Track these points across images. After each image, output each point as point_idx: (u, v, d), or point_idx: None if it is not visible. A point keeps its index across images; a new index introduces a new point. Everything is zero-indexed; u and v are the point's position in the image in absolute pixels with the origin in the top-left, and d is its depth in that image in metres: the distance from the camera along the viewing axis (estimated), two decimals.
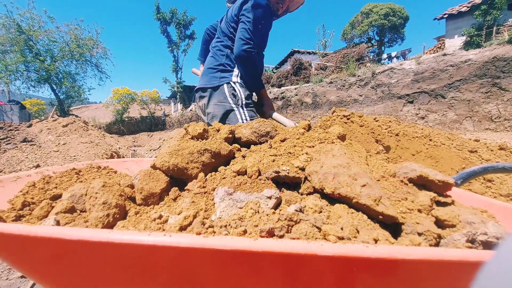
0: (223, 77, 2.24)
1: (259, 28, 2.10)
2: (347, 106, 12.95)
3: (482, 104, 9.21)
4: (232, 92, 2.20)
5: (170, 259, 0.57)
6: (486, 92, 9.11)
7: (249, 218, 0.69)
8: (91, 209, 0.79)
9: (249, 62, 2.10)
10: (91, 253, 0.60)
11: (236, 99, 2.18)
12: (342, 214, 0.72)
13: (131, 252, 0.56)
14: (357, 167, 0.85)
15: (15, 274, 2.62)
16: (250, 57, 2.07)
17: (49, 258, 0.63)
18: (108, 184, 0.85)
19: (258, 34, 2.12)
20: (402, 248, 0.57)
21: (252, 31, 2.06)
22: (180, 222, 0.64)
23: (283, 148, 1.05)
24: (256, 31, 2.08)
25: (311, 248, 0.55)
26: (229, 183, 0.83)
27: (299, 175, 0.89)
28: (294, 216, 0.64)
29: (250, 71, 2.16)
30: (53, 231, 0.58)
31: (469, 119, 9.45)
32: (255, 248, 0.55)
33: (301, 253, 0.55)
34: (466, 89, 9.51)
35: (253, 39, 2.06)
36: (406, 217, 0.74)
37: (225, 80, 2.22)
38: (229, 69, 2.26)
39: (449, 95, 9.92)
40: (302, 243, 0.55)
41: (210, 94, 2.26)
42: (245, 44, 2.05)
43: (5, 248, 0.70)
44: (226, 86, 2.21)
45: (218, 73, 2.26)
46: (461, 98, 9.63)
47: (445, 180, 0.94)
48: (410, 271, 0.59)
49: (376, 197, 0.74)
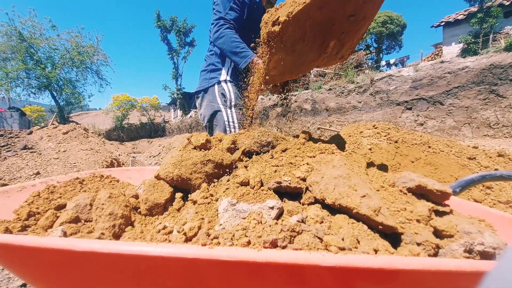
0: (212, 78, 2.25)
1: (229, 4, 2.03)
2: (346, 112, 13.02)
3: (480, 111, 9.28)
4: (222, 92, 2.19)
5: (177, 270, 0.59)
6: (484, 99, 9.19)
7: (252, 228, 0.70)
8: (97, 220, 0.80)
9: (222, 38, 1.98)
10: (99, 263, 0.61)
11: (225, 99, 2.18)
12: (343, 224, 0.73)
13: (139, 263, 0.58)
14: (356, 177, 0.87)
15: (14, 283, 2.61)
16: (221, 33, 1.98)
17: (58, 269, 0.65)
18: (114, 195, 0.86)
19: (230, 11, 2.04)
20: (401, 259, 0.59)
21: (220, 10, 2.02)
22: (185, 233, 0.66)
23: (284, 158, 1.07)
24: (224, 9, 2.02)
25: (313, 259, 0.57)
26: (232, 194, 0.85)
27: (300, 185, 0.91)
28: (296, 227, 0.66)
29: (229, 49, 1.97)
30: (63, 243, 0.60)
31: (468, 125, 9.50)
32: (259, 259, 0.57)
33: (304, 263, 0.57)
34: (464, 96, 9.59)
35: (222, 17, 2.00)
36: (405, 227, 0.76)
37: (215, 80, 2.22)
38: (219, 67, 2.24)
39: (447, 102, 10.00)
40: (305, 254, 0.57)
41: (202, 96, 2.30)
42: (215, 26, 2.01)
43: (12, 258, 0.72)
44: (216, 86, 2.21)
45: (208, 74, 2.28)
46: (459, 104, 9.71)
47: (443, 189, 0.96)
48: (410, 281, 0.60)
49: (376, 208, 0.76)
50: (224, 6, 2.03)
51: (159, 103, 30.95)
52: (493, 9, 15.25)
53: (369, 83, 12.29)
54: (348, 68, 16.56)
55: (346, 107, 12.98)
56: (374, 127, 4.96)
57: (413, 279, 0.59)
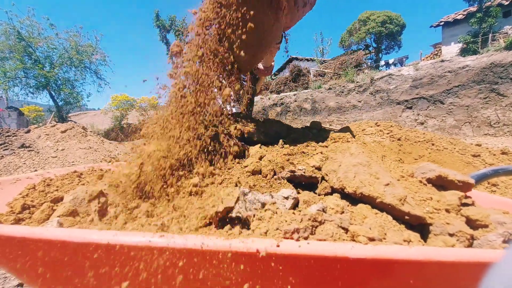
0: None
1: None
2: (346, 112, 12.98)
3: (480, 110, 9.25)
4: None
5: (193, 261, 0.52)
6: (484, 97, 9.16)
7: (269, 219, 0.64)
8: (95, 211, 0.73)
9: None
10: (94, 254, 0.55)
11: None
12: (368, 214, 0.67)
13: (153, 254, 0.51)
14: (377, 165, 0.80)
15: (10, 283, 2.53)
16: None
17: (55, 261, 0.58)
18: (113, 184, 0.80)
19: None
20: (440, 250, 0.52)
21: None
22: (197, 223, 0.60)
23: (296, 147, 1.01)
24: None
25: (341, 250, 0.51)
26: (244, 183, 0.79)
27: (315, 174, 0.85)
28: (318, 217, 0.60)
29: None
30: (61, 233, 0.53)
31: (468, 124, 9.47)
32: (280, 251, 0.51)
33: (330, 256, 0.50)
34: (465, 95, 9.56)
35: None
36: (434, 218, 0.70)
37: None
38: None
39: (447, 101, 9.96)
40: (332, 245, 0.51)
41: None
42: None
43: (4, 252, 0.65)
44: None
45: None
46: (459, 103, 9.67)
47: (465, 180, 0.90)
48: (446, 273, 0.54)
49: (401, 196, 0.69)
50: None
51: (158, 103, 30.77)
52: (492, 9, 15.25)
53: (369, 82, 12.25)
54: (347, 67, 16.53)
55: (346, 106, 12.94)
56: (377, 125, 4.91)
57: (452, 271, 0.52)
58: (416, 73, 10.84)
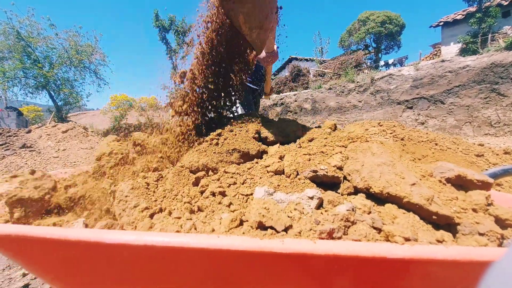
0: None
1: None
2: (346, 112, 12.99)
3: (481, 110, 9.27)
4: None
5: (225, 263, 0.52)
6: (485, 97, 9.18)
7: (298, 219, 0.63)
8: (121, 214, 0.73)
9: None
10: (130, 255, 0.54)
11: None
12: (397, 214, 0.67)
13: (188, 255, 0.51)
14: (401, 165, 0.80)
15: (16, 284, 2.52)
16: None
17: (82, 261, 0.58)
18: (136, 186, 0.79)
19: None
20: (477, 250, 0.52)
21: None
22: (227, 224, 0.59)
23: (315, 147, 1.00)
24: None
25: (378, 250, 0.50)
26: (268, 183, 0.78)
27: (337, 174, 0.84)
28: (350, 216, 0.59)
29: None
30: (91, 235, 0.53)
31: (469, 124, 9.49)
32: (317, 251, 0.50)
33: (369, 256, 0.50)
34: (465, 95, 9.58)
35: None
36: (462, 217, 0.69)
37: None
38: None
39: (448, 101, 9.98)
40: (369, 245, 0.50)
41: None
42: None
43: (31, 251, 0.64)
44: None
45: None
46: (460, 103, 9.69)
47: (484, 179, 0.90)
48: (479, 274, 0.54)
49: (428, 196, 0.69)
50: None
51: (158, 103, 30.75)
52: (492, 9, 15.31)
53: (370, 82, 12.26)
54: (347, 67, 16.55)
55: (347, 106, 12.95)
56: (379, 125, 4.92)
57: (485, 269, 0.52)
58: (417, 73, 10.86)
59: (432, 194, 0.70)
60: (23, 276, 2.67)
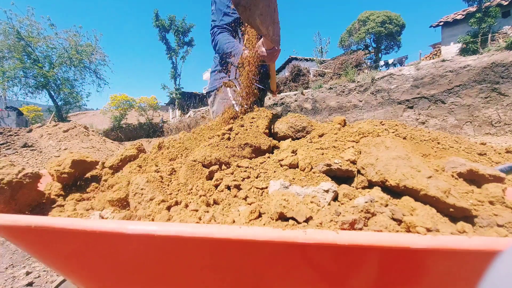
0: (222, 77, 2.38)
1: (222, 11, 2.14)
2: (347, 111, 13.00)
3: (482, 109, 9.28)
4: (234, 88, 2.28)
5: (249, 252, 0.52)
6: (485, 97, 9.20)
7: (317, 211, 0.63)
8: (137, 207, 0.73)
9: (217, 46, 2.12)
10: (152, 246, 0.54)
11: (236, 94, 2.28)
12: (416, 206, 0.67)
13: (205, 245, 0.51)
14: (416, 159, 0.80)
15: (19, 282, 2.52)
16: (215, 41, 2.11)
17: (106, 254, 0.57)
18: (151, 180, 0.79)
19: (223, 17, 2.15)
20: (500, 239, 0.52)
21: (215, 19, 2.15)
22: (247, 216, 0.59)
23: (326, 142, 1.00)
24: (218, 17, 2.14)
25: (402, 240, 0.50)
26: (283, 176, 0.78)
27: (351, 168, 0.84)
28: (371, 208, 0.59)
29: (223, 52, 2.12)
30: (113, 225, 0.53)
31: (470, 124, 9.51)
32: (341, 241, 0.50)
33: (391, 246, 0.50)
34: (466, 94, 9.60)
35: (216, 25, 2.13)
36: (479, 210, 0.69)
37: (226, 79, 2.33)
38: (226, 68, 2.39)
39: (449, 100, 10.00)
40: (395, 235, 0.50)
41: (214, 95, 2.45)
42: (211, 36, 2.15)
43: (48, 241, 0.64)
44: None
45: (218, 74, 2.42)
46: (461, 103, 9.71)
47: (496, 174, 0.90)
48: None
49: (445, 189, 0.69)
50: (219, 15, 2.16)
51: (158, 103, 30.74)
52: (492, 9, 15.33)
53: (370, 82, 12.27)
54: (348, 67, 16.57)
55: (347, 106, 12.96)
56: (381, 124, 4.92)
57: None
58: (417, 72, 10.88)
59: (449, 186, 0.70)
60: (26, 275, 2.66)
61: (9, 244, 3.35)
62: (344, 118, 1.22)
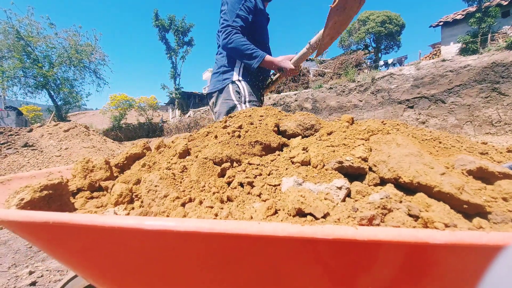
0: (226, 78, 2.39)
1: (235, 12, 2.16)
2: (347, 111, 13.01)
3: (482, 109, 9.31)
4: (236, 89, 2.32)
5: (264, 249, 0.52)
6: (486, 97, 9.22)
7: (332, 208, 0.63)
8: (150, 204, 0.73)
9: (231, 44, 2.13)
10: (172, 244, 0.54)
11: (239, 95, 2.30)
12: (430, 202, 0.67)
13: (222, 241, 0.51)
14: (429, 156, 0.80)
15: (23, 282, 2.51)
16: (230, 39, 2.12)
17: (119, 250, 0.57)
18: (164, 177, 0.79)
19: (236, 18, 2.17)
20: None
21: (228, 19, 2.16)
22: (264, 212, 0.59)
23: (336, 140, 1.00)
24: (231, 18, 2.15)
25: (422, 236, 0.50)
26: (296, 173, 0.78)
27: (363, 165, 0.85)
28: (387, 204, 0.59)
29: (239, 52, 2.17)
30: (133, 222, 0.53)
31: (470, 123, 9.53)
32: (361, 237, 0.50)
33: (411, 241, 0.50)
34: (466, 94, 9.62)
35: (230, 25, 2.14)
36: (493, 206, 0.70)
37: (228, 80, 2.36)
38: (230, 69, 2.39)
39: (449, 100, 10.02)
40: (414, 231, 0.50)
41: (217, 96, 2.45)
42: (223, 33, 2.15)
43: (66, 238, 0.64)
44: (230, 85, 2.34)
45: (221, 75, 2.42)
46: (461, 103, 9.73)
47: (505, 171, 0.90)
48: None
49: (459, 185, 0.69)
50: (231, 15, 2.17)
51: (157, 103, 30.74)
52: (491, 9, 15.37)
53: (370, 82, 12.29)
54: (348, 67, 16.58)
55: (347, 106, 12.97)
56: (383, 123, 4.93)
57: None
58: (418, 72, 10.89)
59: (463, 183, 0.71)
60: (29, 274, 2.66)
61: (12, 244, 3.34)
62: (352, 117, 1.22)
